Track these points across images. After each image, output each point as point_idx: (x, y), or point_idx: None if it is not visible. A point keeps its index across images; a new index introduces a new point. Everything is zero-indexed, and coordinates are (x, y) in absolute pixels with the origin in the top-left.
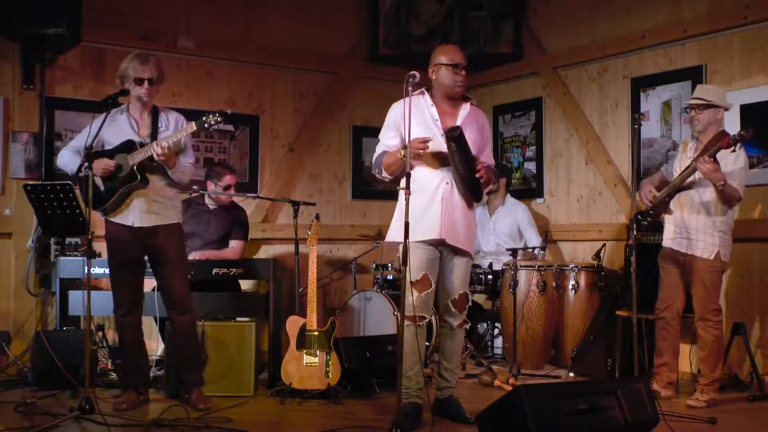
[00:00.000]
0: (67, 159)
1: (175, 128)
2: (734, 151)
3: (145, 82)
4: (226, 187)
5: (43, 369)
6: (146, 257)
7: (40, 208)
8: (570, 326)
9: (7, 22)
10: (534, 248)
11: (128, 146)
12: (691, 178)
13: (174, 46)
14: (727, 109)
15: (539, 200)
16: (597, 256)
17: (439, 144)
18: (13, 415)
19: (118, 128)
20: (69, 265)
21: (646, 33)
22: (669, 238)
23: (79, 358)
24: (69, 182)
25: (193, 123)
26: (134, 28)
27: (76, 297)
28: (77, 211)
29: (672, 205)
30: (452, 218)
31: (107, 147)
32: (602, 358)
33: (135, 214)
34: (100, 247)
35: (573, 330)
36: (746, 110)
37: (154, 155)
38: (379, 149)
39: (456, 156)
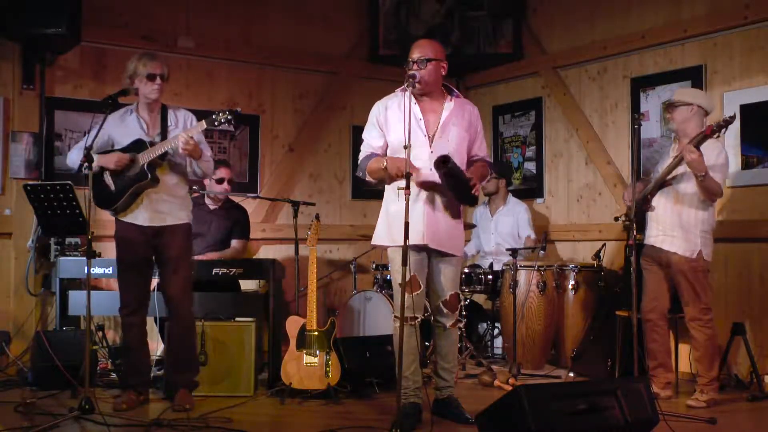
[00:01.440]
0: (75, 157)
1: (183, 126)
2: (719, 137)
3: (157, 78)
4: (220, 180)
5: (43, 369)
6: (154, 257)
7: (40, 208)
8: (570, 326)
9: (7, 22)
10: (534, 248)
11: (138, 146)
12: (673, 173)
13: (174, 46)
14: (706, 112)
15: (539, 200)
16: (597, 256)
17: (422, 147)
18: (13, 415)
19: (127, 128)
20: (69, 265)
21: (646, 33)
22: (651, 236)
23: (79, 358)
24: (69, 182)
25: (203, 121)
26: (134, 28)
27: (76, 297)
28: (77, 211)
29: (654, 202)
30: (435, 223)
31: (117, 147)
32: (602, 358)
33: (145, 214)
34: (101, 247)
35: (573, 330)
36: (746, 110)
37: (179, 148)
38: (364, 150)
39: (450, 183)
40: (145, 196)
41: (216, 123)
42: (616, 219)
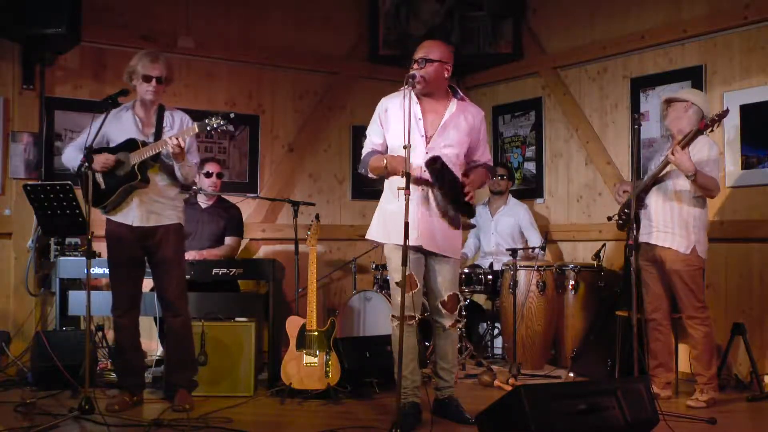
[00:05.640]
0: (71, 155)
1: (179, 128)
2: (712, 131)
3: (153, 80)
4: (208, 174)
5: (42, 369)
6: (146, 257)
7: (40, 208)
8: (570, 326)
9: (7, 22)
10: (534, 248)
11: (130, 145)
12: (665, 171)
13: (174, 46)
14: (703, 114)
15: (539, 200)
16: (597, 256)
17: (418, 146)
18: (13, 415)
19: (122, 125)
20: (69, 265)
21: (645, 33)
22: (645, 233)
23: (79, 358)
24: (69, 182)
25: (196, 125)
26: (134, 28)
27: (76, 297)
28: (77, 211)
29: (647, 199)
30: (428, 224)
31: (111, 144)
32: (602, 358)
33: (135, 214)
34: (100, 246)
35: (573, 330)
36: (746, 110)
37: (169, 148)
38: (366, 146)
39: (439, 185)
40: (136, 196)
41: (208, 127)
42: (609, 219)
